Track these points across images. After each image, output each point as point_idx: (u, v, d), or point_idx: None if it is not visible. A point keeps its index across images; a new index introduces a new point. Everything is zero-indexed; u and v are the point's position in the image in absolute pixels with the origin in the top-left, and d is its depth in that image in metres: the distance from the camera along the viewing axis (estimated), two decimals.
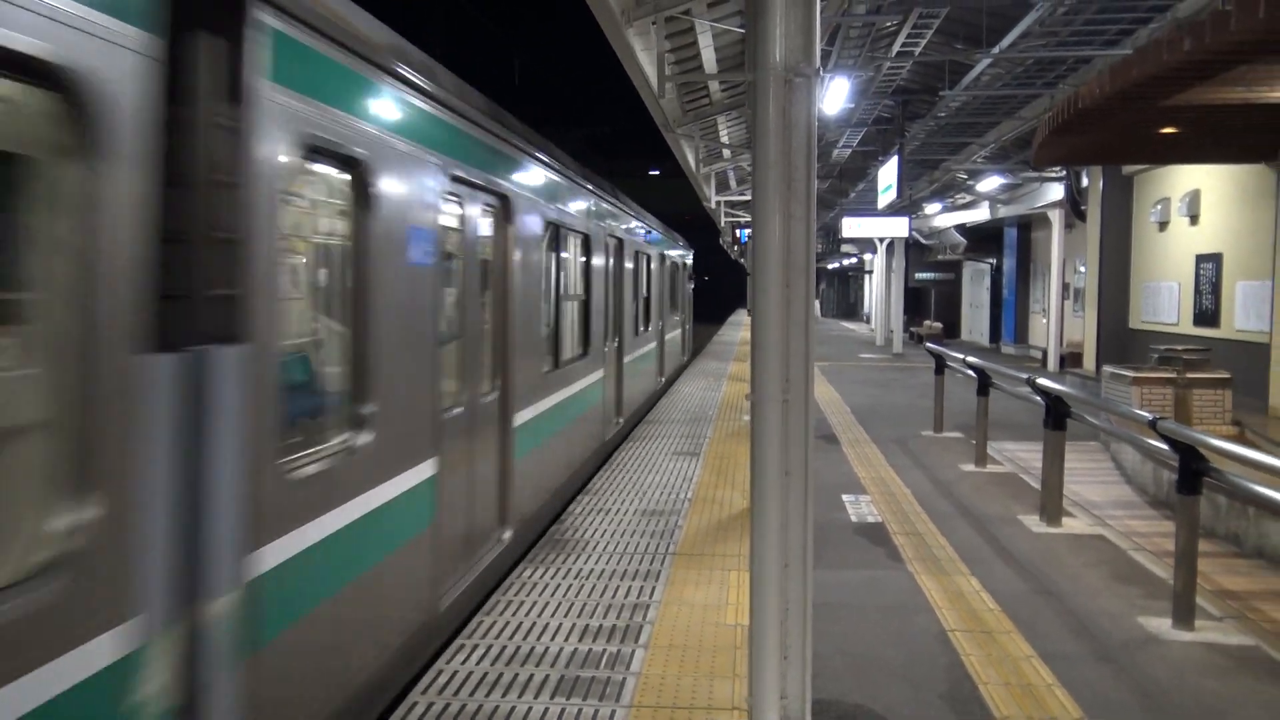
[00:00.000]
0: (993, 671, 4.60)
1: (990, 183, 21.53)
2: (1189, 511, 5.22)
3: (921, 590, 5.87)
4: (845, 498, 8.38)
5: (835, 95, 12.37)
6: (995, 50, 11.47)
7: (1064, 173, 18.88)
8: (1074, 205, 19.26)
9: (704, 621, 5.29)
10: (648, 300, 14.76)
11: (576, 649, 4.87)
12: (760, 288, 3.73)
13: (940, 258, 34.09)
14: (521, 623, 5.25)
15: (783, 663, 3.88)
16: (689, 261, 23.84)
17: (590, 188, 9.60)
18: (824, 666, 4.63)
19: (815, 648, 4.78)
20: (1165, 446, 5.55)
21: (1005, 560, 6.51)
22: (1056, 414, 7.36)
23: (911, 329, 32.14)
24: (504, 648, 4.89)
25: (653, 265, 15.46)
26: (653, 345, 15.43)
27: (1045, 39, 11.30)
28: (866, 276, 45.96)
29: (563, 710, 4.18)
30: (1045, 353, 22.25)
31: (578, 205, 9.04)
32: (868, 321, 43.12)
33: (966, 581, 6.02)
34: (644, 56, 10.13)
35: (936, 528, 7.34)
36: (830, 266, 57.93)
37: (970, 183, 22.43)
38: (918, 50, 12.21)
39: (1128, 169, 16.78)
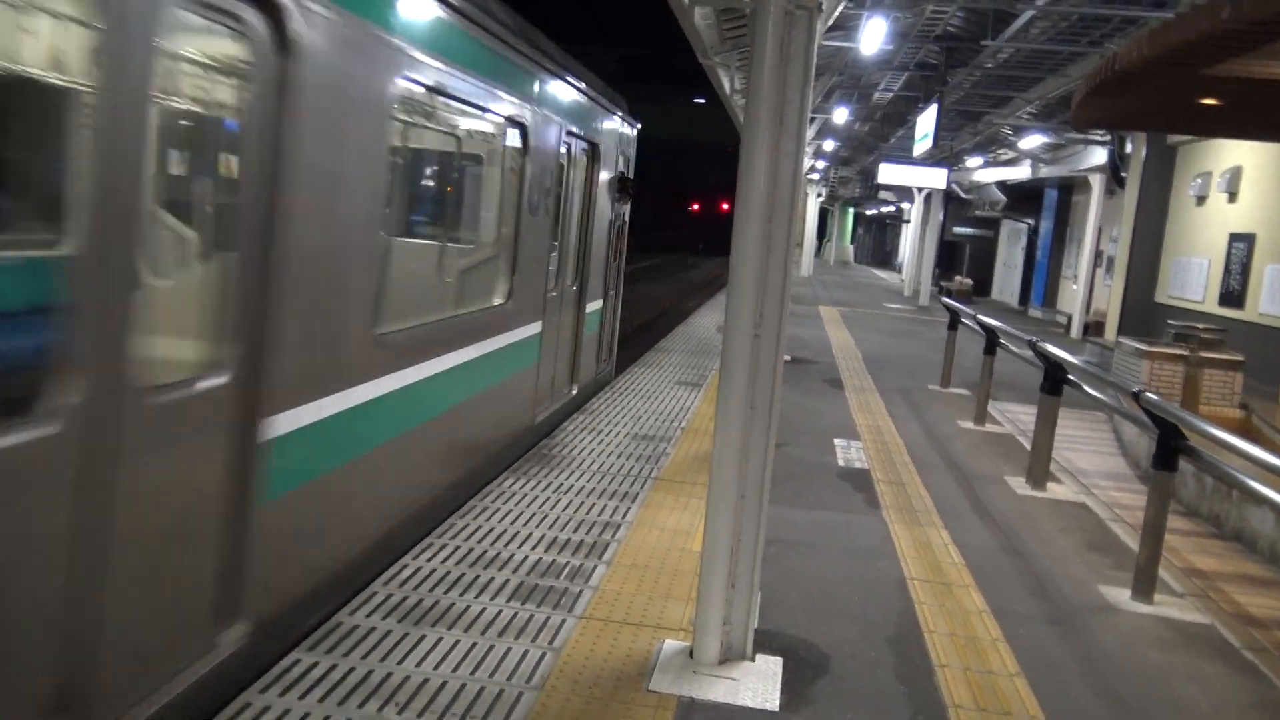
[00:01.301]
0: (942, 622, 4.68)
1: (1033, 140, 21.11)
2: (1162, 486, 5.23)
3: (892, 538, 5.93)
4: (837, 442, 8.43)
5: (872, 35, 12.09)
6: (1040, 2, 11.16)
7: (1109, 137, 18.47)
8: (1115, 171, 18.88)
9: (670, 546, 5.39)
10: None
11: (541, 559, 4.99)
12: (741, 220, 3.73)
13: (979, 213, 33.61)
14: (493, 528, 5.37)
15: (730, 590, 3.98)
16: (605, 144, 9.22)
17: None
18: (778, 600, 4.72)
19: (774, 582, 4.89)
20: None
21: (981, 517, 6.55)
22: (1053, 379, 7.33)
23: (941, 283, 31.84)
24: (471, 549, 5.01)
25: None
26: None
27: None
28: (904, 225, 45.41)
29: (515, 614, 4.30)
30: (1070, 319, 22.03)
31: None
32: (900, 271, 42.72)
33: (938, 534, 6.08)
34: None
35: (920, 479, 7.39)
36: (868, 212, 57.30)
37: (1013, 138, 22.00)
38: None
39: (1172, 139, 16.41)
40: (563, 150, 7.77)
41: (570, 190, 8.35)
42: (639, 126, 11.11)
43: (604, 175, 9.33)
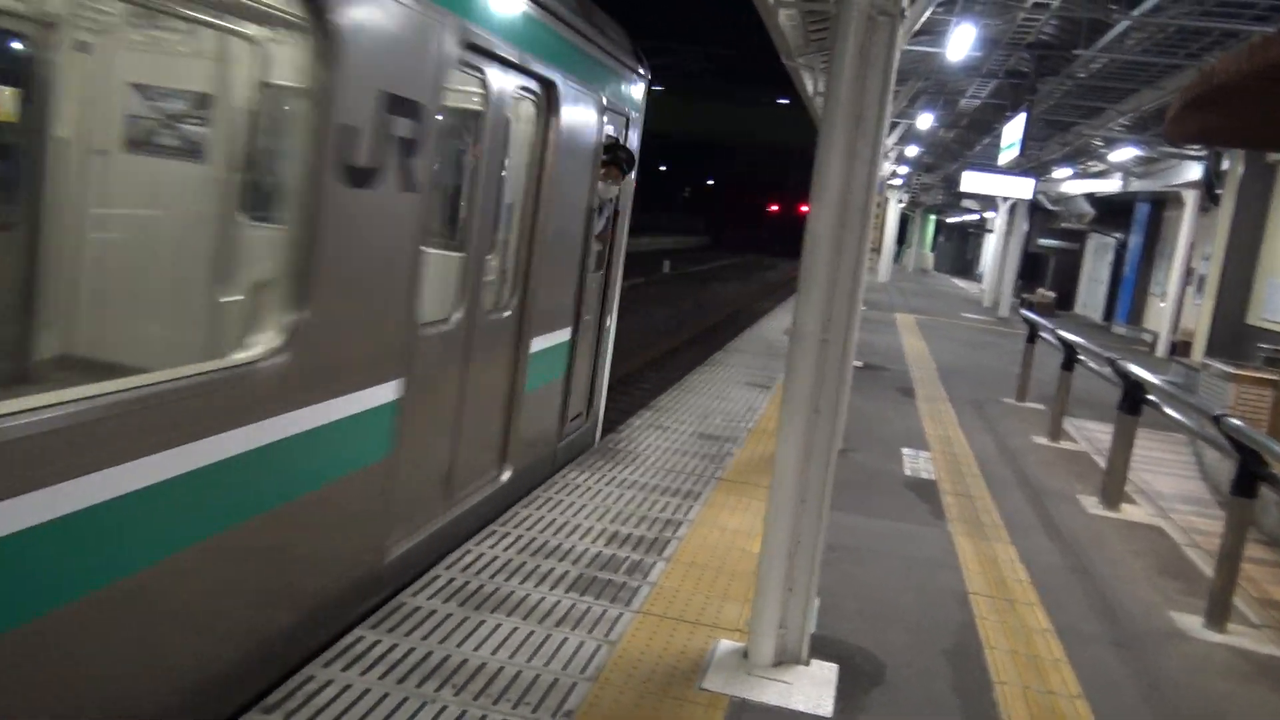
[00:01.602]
0: (1003, 639, 4.61)
1: (1124, 153, 20.54)
2: (1241, 513, 5.09)
3: (955, 550, 5.86)
4: (905, 451, 8.33)
5: (960, 41, 11.90)
6: (1136, 12, 10.84)
7: (1204, 152, 17.89)
8: (1209, 188, 18.28)
9: (731, 546, 5.40)
10: None
11: (601, 552, 5.04)
12: (814, 222, 3.73)
13: (1065, 225, 32.85)
14: (555, 519, 5.44)
15: (786, 594, 3.97)
16: (571, 90, 5.80)
17: None
18: (835, 606, 4.70)
19: (832, 588, 4.87)
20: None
21: (1050, 535, 6.43)
22: (1132, 398, 7.16)
23: (1023, 295, 31.16)
24: (533, 539, 5.09)
25: None
26: None
27: (1191, 6, 10.62)
28: (986, 235, 44.53)
29: (573, 605, 4.35)
30: (1157, 337, 21.41)
31: None
32: (980, 281, 41.93)
33: (1004, 549, 5.98)
34: None
35: (989, 493, 7.27)
36: (949, 220, 56.33)
37: (1103, 150, 21.43)
38: (1056, 1, 11.58)
39: (1271, 157, 15.82)
40: (466, 81, 4.78)
41: (493, 155, 5.15)
42: (648, 76, 7.71)
43: (572, 138, 5.97)
